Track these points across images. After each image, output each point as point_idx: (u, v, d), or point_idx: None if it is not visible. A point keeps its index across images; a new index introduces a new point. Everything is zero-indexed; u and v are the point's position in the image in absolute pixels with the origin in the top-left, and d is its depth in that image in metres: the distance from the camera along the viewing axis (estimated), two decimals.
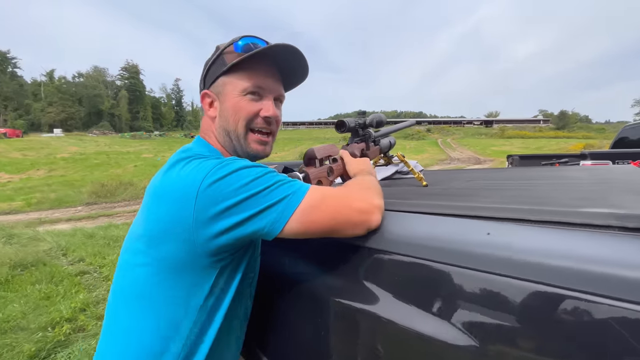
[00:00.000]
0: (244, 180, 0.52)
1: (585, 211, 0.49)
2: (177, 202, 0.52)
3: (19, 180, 14.95)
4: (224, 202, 0.51)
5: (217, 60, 0.66)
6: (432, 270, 0.50)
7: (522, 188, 0.84)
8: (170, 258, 0.55)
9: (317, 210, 0.54)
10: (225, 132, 0.66)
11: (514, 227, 0.51)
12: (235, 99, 0.65)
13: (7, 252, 3.42)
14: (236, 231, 0.52)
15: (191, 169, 0.54)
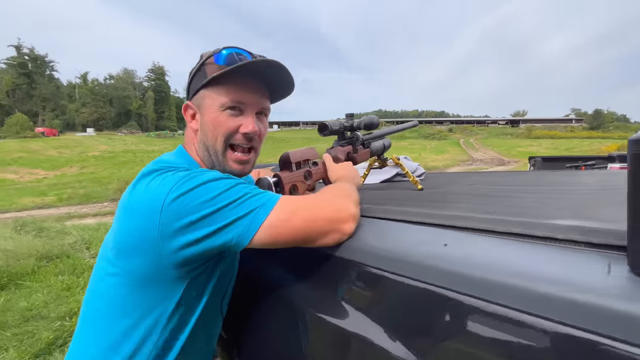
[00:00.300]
0: (211, 194, 0.52)
1: (551, 223, 0.46)
2: (143, 216, 0.52)
3: (54, 177, 15.97)
4: (189, 216, 0.51)
5: (199, 71, 0.65)
6: (387, 281, 0.48)
7: (515, 195, 0.80)
8: (138, 270, 0.55)
9: (286, 222, 0.53)
10: (205, 146, 0.66)
11: (475, 238, 0.49)
12: (214, 114, 0.63)
13: (36, 245, 3.65)
14: (202, 244, 0.52)
15: (158, 182, 0.54)
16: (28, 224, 4.99)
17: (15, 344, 1.99)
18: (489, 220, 0.52)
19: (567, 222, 0.46)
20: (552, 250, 0.41)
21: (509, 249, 0.43)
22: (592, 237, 0.41)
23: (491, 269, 0.39)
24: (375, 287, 0.51)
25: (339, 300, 0.55)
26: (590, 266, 0.36)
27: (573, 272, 0.35)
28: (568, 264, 0.37)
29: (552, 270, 0.36)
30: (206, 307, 0.64)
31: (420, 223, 0.59)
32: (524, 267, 0.37)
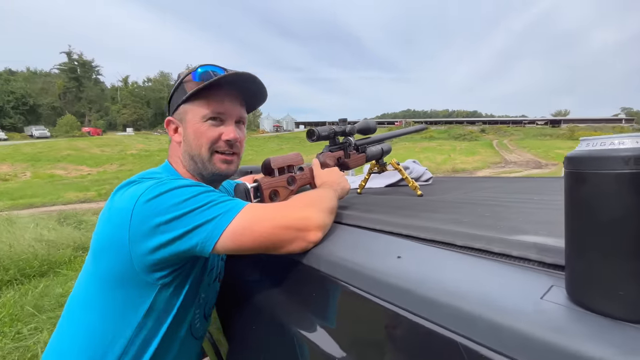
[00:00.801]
0: (178, 199, 0.54)
1: (512, 240, 0.44)
2: (116, 219, 0.55)
3: (96, 173, 17.25)
4: (156, 218, 0.53)
5: (178, 89, 0.69)
6: (343, 291, 0.49)
7: (505, 205, 0.76)
8: (110, 272, 0.57)
9: (248, 230, 0.54)
10: (190, 156, 0.69)
11: (432, 252, 0.48)
12: (196, 125, 0.68)
13: (74, 236, 3.97)
14: (170, 247, 0.54)
15: (132, 189, 0.57)
16: (70, 217, 5.45)
17: (49, 327, 2.18)
18: (452, 233, 0.50)
19: (532, 238, 0.44)
20: (499, 268, 0.39)
21: (458, 264, 0.42)
22: (546, 256, 0.39)
23: (428, 284, 0.38)
24: (332, 296, 0.51)
25: (301, 307, 0.56)
26: (529, 288, 0.34)
27: (508, 293, 0.33)
28: (508, 283, 0.35)
29: (486, 289, 0.34)
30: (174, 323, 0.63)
31: (386, 232, 0.59)
32: (459, 284, 0.36)
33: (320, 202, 0.64)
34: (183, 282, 0.64)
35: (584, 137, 0.29)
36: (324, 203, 0.64)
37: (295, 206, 0.61)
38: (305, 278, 0.58)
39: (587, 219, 0.28)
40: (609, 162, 0.26)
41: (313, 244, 0.57)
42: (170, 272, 0.59)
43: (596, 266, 0.27)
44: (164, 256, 0.55)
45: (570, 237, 0.30)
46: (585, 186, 0.27)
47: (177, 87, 0.69)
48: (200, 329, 0.74)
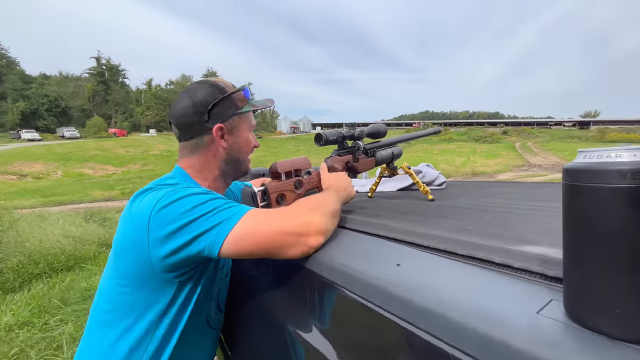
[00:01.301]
0: (188, 207, 0.58)
1: (515, 250, 0.43)
2: (137, 223, 0.60)
3: (121, 173, 17.98)
4: (170, 225, 0.57)
5: (225, 100, 0.74)
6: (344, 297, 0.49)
7: (515, 212, 0.74)
8: (132, 271, 0.62)
9: (249, 235, 0.57)
10: (234, 159, 0.77)
11: (432, 260, 0.47)
12: (247, 134, 0.79)
13: (99, 233, 4.16)
14: (182, 252, 0.58)
15: (150, 196, 0.62)
16: (95, 214, 5.71)
17: (73, 319, 2.30)
18: (454, 242, 0.50)
19: (535, 249, 0.43)
20: (499, 280, 0.39)
21: (458, 274, 0.42)
22: (547, 269, 0.38)
23: (425, 294, 0.38)
24: (332, 302, 0.52)
25: (301, 310, 0.57)
26: (527, 301, 0.33)
27: (504, 306, 0.33)
28: (506, 296, 0.35)
29: (483, 301, 0.34)
30: (193, 316, 0.68)
31: (389, 239, 0.59)
32: (456, 295, 0.36)
33: (323, 205, 0.65)
34: (199, 279, 0.68)
35: (581, 149, 0.28)
36: (327, 207, 0.65)
37: (296, 211, 0.62)
38: (307, 282, 0.59)
39: (584, 233, 0.27)
40: (606, 176, 0.25)
41: (314, 249, 0.58)
42: (187, 271, 0.64)
43: (593, 281, 0.26)
44: (179, 259, 0.59)
45: (567, 250, 0.29)
46: (582, 199, 0.27)
47: (224, 98, 0.73)
48: (215, 319, 0.79)
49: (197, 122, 0.72)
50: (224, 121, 0.74)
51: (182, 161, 0.76)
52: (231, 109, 0.75)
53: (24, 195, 9.60)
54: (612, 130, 41.52)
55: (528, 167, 18.36)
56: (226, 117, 0.74)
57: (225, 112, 0.74)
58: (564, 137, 39.02)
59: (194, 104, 0.72)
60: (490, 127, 50.57)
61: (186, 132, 0.74)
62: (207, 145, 0.74)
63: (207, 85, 0.74)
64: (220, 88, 0.75)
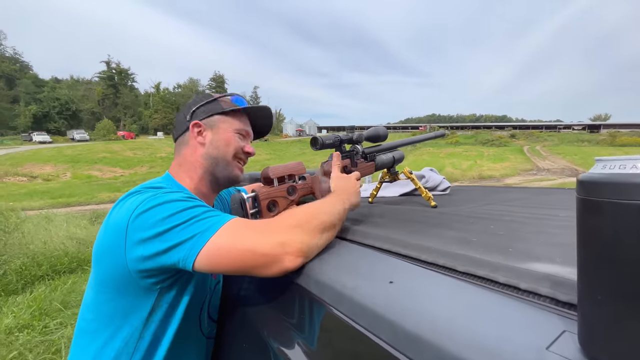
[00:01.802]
0: (165, 214, 0.56)
1: (521, 268, 0.38)
2: (115, 229, 0.59)
3: (128, 175, 18.19)
4: (147, 231, 0.55)
5: (211, 103, 0.79)
6: (329, 315, 0.45)
7: (521, 221, 0.69)
8: (110, 277, 0.60)
9: (224, 251, 0.54)
10: (213, 158, 0.77)
11: (428, 277, 0.43)
12: (229, 134, 0.79)
13: None
14: (159, 259, 0.56)
15: (132, 200, 0.61)
16: (101, 216, 5.75)
17: (72, 323, 2.28)
18: (454, 256, 0.45)
19: (545, 267, 0.38)
20: (503, 303, 0.34)
21: (455, 294, 0.37)
22: (559, 292, 0.33)
23: (416, 318, 0.33)
24: (318, 320, 0.48)
25: (289, 326, 0.53)
26: (535, 332, 0.29)
27: (508, 337, 0.28)
28: (510, 324, 0.30)
29: (482, 329, 0.29)
30: (185, 319, 0.66)
31: (385, 251, 0.54)
32: (452, 320, 0.31)
33: (312, 220, 0.59)
34: (184, 287, 0.66)
35: (599, 157, 0.24)
36: (317, 220, 0.60)
37: (275, 228, 0.57)
38: (296, 297, 0.55)
39: (603, 256, 0.22)
40: (630, 190, 0.20)
41: (290, 270, 0.54)
42: (166, 278, 0.61)
43: (612, 316, 0.22)
44: (154, 266, 0.57)
45: (582, 276, 0.25)
46: (601, 217, 0.22)
47: (211, 101, 0.80)
48: (209, 328, 0.77)
49: (181, 121, 0.80)
50: (202, 118, 0.78)
51: (172, 163, 0.80)
52: (214, 108, 0.79)
53: (33, 197, 9.76)
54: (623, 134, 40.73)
55: (537, 171, 18.05)
56: (205, 115, 0.78)
57: (206, 112, 0.78)
58: (573, 141, 38.39)
59: (186, 107, 0.80)
60: (497, 131, 50.05)
61: (174, 133, 0.82)
62: (187, 142, 0.78)
63: (205, 94, 0.82)
64: (209, 95, 0.81)
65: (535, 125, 58.30)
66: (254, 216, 0.69)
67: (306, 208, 0.64)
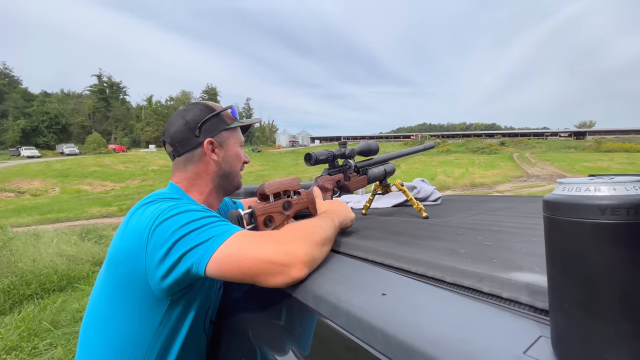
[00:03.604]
0: (183, 222, 0.59)
1: (504, 278, 0.41)
2: (136, 236, 0.60)
3: (119, 189, 17.93)
4: (167, 242, 0.57)
5: (214, 118, 0.80)
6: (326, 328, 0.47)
7: (509, 231, 0.73)
8: (126, 283, 0.61)
9: (231, 259, 0.56)
10: (226, 173, 0.81)
11: (419, 289, 0.45)
12: (236, 148, 0.84)
13: (93, 251, 4.10)
14: (176, 269, 0.57)
15: (151, 208, 0.63)
16: (91, 232, 5.65)
17: (63, 343, 2.23)
18: (442, 268, 0.48)
19: (525, 276, 0.41)
20: (487, 312, 0.37)
21: (444, 305, 0.40)
22: (537, 300, 0.36)
23: (408, 328, 0.36)
24: (316, 332, 0.50)
25: (286, 339, 0.55)
26: (514, 337, 0.31)
27: (489, 344, 0.31)
28: (493, 331, 0.33)
29: (467, 337, 0.32)
30: (192, 326, 0.68)
31: (377, 263, 0.57)
32: (440, 329, 0.34)
33: (313, 234, 0.62)
34: (195, 295, 0.68)
35: (561, 180, 0.27)
36: (317, 235, 0.62)
37: (283, 238, 0.60)
38: (293, 310, 0.56)
39: (566, 270, 0.25)
40: (584, 210, 0.24)
41: (297, 280, 0.56)
42: (179, 289, 0.63)
43: (577, 323, 0.25)
44: (173, 280, 0.59)
45: (551, 287, 0.28)
46: (562, 234, 0.25)
47: (214, 116, 0.79)
48: (209, 328, 0.80)
49: (189, 138, 0.77)
50: (214, 135, 0.79)
51: (175, 176, 0.79)
52: (220, 124, 0.80)
53: (21, 213, 9.53)
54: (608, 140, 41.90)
55: (526, 177, 18.40)
56: (216, 131, 0.79)
57: (215, 128, 0.79)
58: (560, 148, 39.34)
59: (186, 121, 0.77)
60: (487, 139, 51.01)
61: (179, 149, 0.78)
62: (199, 159, 0.78)
63: (199, 105, 0.81)
64: (209, 107, 0.81)
65: (524, 132, 59.63)
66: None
67: (305, 223, 0.67)
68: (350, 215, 0.81)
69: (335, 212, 0.78)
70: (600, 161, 25.13)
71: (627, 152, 33.27)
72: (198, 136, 0.77)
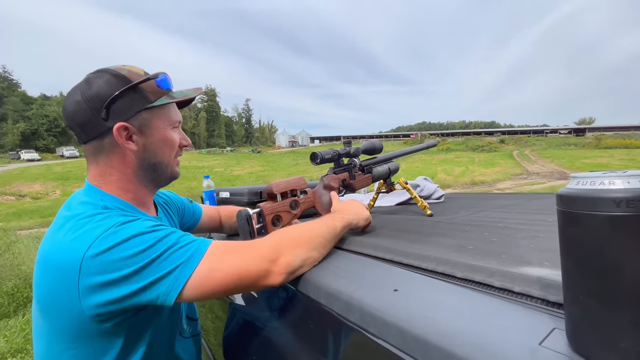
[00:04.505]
0: (134, 250, 0.50)
1: (514, 272, 0.42)
2: (61, 273, 0.50)
3: None
4: (112, 273, 0.48)
5: (129, 93, 0.60)
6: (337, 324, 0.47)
7: (514, 227, 0.73)
8: (65, 329, 0.53)
9: (209, 280, 0.52)
10: (151, 165, 0.65)
11: (430, 284, 0.46)
12: (165, 132, 0.66)
13: None
14: (127, 302, 0.50)
15: (75, 235, 0.51)
16: None
17: None
18: (452, 264, 0.48)
19: (536, 270, 0.42)
20: (499, 305, 0.37)
21: (456, 299, 0.40)
22: (549, 293, 0.37)
23: (421, 323, 0.36)
24: (329, 330, 0.50)
25: (300, 339, 0.55)
26: (528, 330, 0.32)
27: (504, 336, 0.31)
28: (506, 324, 0.33)
29: (481, 330, 0.33)
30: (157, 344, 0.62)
31: (387, 260, 0.58)
32: (453, 323, 0.34)
33: (297, 240, 0.59)
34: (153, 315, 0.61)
35: (575, 174, 0.28)
36: (301, 239, 0.59)
37: (260, 248, 0.56)
38: (305, 308, 0.57)
39: (581, 262, 0.26)
40: (600, 203, 0.24)
41: (276, 286, 0.56)
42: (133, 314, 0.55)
43: (593, 313, 0.25)
44: (122, 307, 0.51)
45: (566, 280, 0.28)
46: (577, 227, 0.26)
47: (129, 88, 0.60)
48: (187, 329, 0.75)
49: (92, 121, 0.59)
50: (129, 118, 0.61)
51: (90, 171, 0.64)
52: (138, 102, 0.61)
53: (22, 216, 9.54)
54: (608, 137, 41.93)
55: (527, 175, 18.41)
56: (131, 112, 0.61)
57: (129, 107, 0.60)
58: (560, 145, 39.36)
59: (87, 98, 0.58)
60: (487, 137, 51.03)
61: (82, 135, 0.61)
62: (111, 149, 0.61)
63: (107, 75, 0.60)
64: (121, 78, 0.60)
65: (523, 130, 59.66)
66: (260, 230, 0.72)
67: (291, 230, 0.63)
68: (363, 214, 0.76)
69: (343, 211, 0.74)
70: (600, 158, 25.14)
71: (627, 148, 33.31)
72: (106, 119, 0.59)
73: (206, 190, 1.38)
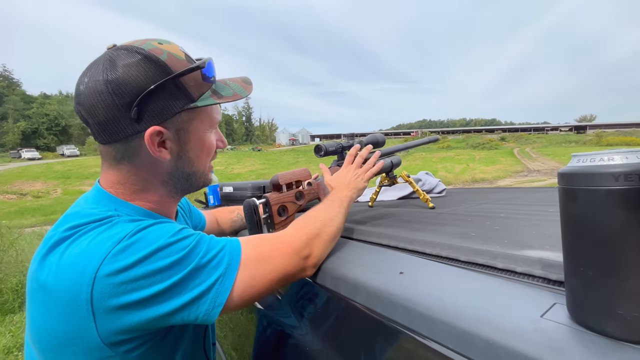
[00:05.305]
0: (158, 265, 0.41)
1: (517, 255, 0.43)
2: (67, 305, 0.39)
3: None
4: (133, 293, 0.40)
5: (169, 86, 0.47)
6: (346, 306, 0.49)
7: (515, 216, 0.74)
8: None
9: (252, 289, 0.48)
10: (184, 175, 0.54)
11: (434, 267, 0.47)
12: (204, 136, 0.54)
13: None
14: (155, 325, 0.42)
15: (76, 254, 0.41)
16: None
17: None
18: (456, 248, 0.50)
19: (537, 253, 0.43)
20: (502, 285, 0.39)
21: (460, 280, 0.42)
22: (550, 272, 0.38)
23: (428, 301, 0.38)
24: (337, 313, 0.52)
25: (309, 322, 0.57)
26: (530, 305, 0.33)
27: (508, 311, 0.33)
28: (509, 301, 0.35)
29: (486, 307, 0.34)
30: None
31: (391, 247, 0.59)
32: (459, 301, 0.36)
33: (325, 228, 0.59)
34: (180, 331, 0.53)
35: (575, 153, 0.29)
36: (328, 228, 0.59)
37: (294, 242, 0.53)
38: (310, 291, 0.59)
39: (581, 236, 0.27)
40: (599, 178, 0.25)
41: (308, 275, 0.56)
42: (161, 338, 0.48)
43: (593, 284, 0.27)
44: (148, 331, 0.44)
45: (566, 254, 0.29)
46: (578, 203, 0.27)
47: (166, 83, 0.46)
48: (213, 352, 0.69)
49: (118, 119, 0.46)
50: (165, 120, 0.48)
51: (106, 175, 0.52)
52: (179, 100, 0.49)
53: (24, 215, 9.58)
54: (609, 134, 41.86)
55: (527, 172, 18.40)
56: (169, 114, 0.48)
57: (168, 107, 0.48)
58: (561, 142, 39.28)
59: (112, 89, 0.44)
60: (487, 134, 50.97)
61: (102, 134, 0.48)
62: (137, 155, 0.49)
63: (139, 57, 0.46)
64: (160, 64, 0.47)
65: (524, 127, 59.55)
66: (266, 220, 0.73)
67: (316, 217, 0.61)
68: (359, 185, 0.76)
69: (343, 188, 0.72)
70: None
71: (628, 145, 33.27)
72: (137, 120, 0.46)
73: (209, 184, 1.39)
